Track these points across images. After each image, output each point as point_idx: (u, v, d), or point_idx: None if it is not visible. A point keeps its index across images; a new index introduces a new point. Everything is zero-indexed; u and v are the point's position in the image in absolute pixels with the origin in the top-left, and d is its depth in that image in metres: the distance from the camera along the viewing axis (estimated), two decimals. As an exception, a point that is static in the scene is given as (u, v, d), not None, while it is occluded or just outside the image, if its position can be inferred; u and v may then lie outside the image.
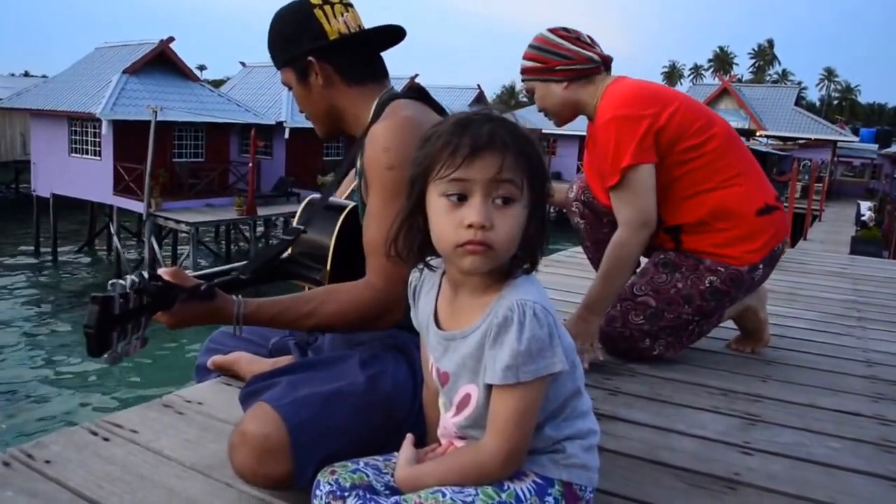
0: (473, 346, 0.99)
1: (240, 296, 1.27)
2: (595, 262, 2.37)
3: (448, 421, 1.07)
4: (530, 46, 2.08)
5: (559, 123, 2.19)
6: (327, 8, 1.42)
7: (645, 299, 2.07)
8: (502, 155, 0.92)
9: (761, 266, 2.06)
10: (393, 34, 1.47)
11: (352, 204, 1.45)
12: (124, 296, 1.06)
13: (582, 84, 2.05)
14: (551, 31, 2.07)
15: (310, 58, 1.42)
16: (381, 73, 1.48)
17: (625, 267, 2.00)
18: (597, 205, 2.29)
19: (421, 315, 1.11)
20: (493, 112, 0.98)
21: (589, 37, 2.09)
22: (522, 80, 2.14)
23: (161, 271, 1.18)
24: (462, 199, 0.93)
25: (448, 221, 0.94)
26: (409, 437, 1.09)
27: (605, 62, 2.08)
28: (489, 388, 0.98)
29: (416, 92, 1.45)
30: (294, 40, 1.43)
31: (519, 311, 0.93)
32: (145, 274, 1.12)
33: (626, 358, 2.15)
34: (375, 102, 1.43)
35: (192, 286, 1.19)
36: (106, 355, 1.06)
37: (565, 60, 2.02)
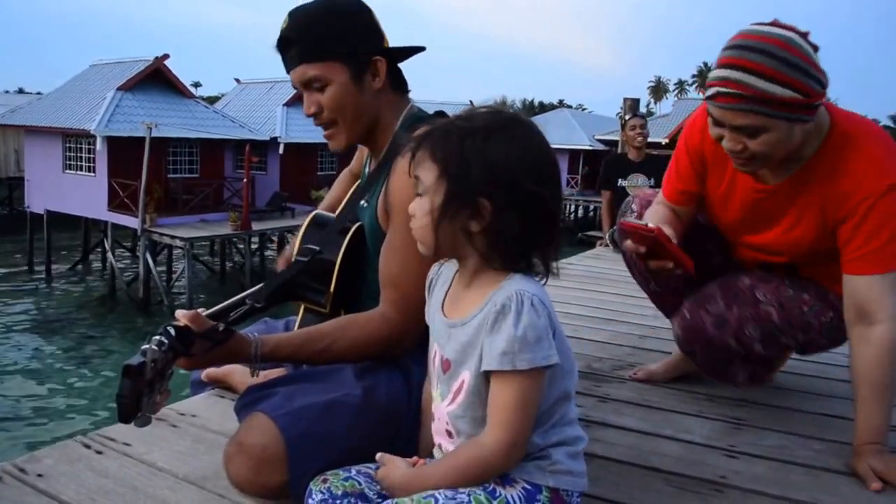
0: (472, 332, 1.02)
1: (256, 335, 1.26)
2: (658, 305, 2.04)
3: (442, 411, 1.09)
4: (774, 58, 1.31)
5: (753, 170, 1.54)
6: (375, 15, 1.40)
7: (768, 309, 1.69)
8: (411, 155, 1.05)
9: None
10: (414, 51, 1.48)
11: (356, 225, 1.45)
12: (155, 360, 1.07)
13: None
14: (797, 33, 1.36)
15: (377, 57, 1.37)
16: (406, 84, 1.49)
17: None
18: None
19: (431, 305, 1.15)
20: (464, 116, 1.04)
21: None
22: (736, 109, 1.37)
23: (179, 314, 1.17)
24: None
25: None
26: (397, 458, 1.09)
27: None
28: (483, 375, 1.00)
29: (439, 116, 1.43)
30: (361, 34, 1.37)
31: (517, 300, 0.97)
32: (171, 330, 1.11)
33: (703, 374, 1.93)
34: (404, 113, 1.44)
35: (210, 328, 1.18)
36: (134, 422, 1.07)
37: (822, 91, 1.36)
